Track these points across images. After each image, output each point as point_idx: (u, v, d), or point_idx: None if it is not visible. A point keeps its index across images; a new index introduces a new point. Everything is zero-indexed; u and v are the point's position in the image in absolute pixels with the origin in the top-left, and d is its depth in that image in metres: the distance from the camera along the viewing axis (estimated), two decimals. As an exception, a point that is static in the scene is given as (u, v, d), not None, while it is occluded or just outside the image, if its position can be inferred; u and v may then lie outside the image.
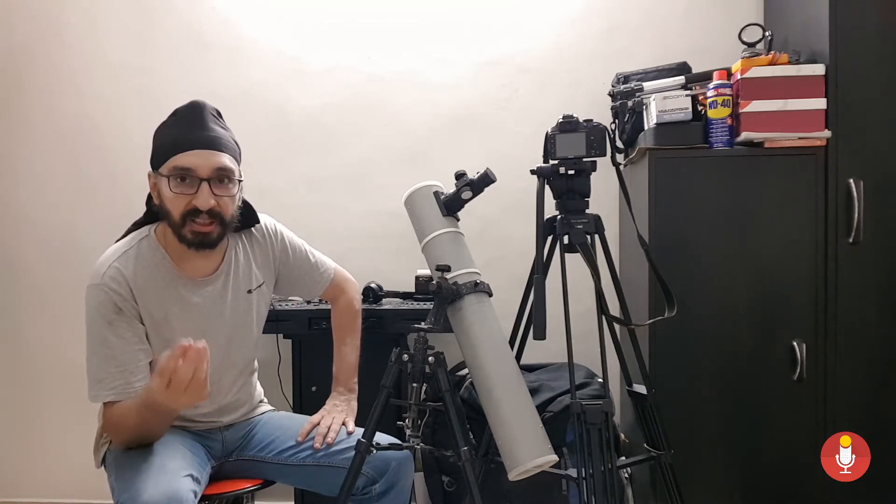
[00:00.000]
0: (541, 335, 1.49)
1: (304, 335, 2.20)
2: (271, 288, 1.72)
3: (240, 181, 1.51)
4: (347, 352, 1.80)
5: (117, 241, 1.55)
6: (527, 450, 1.44)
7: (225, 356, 1.60)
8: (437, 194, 1.61)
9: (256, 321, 1.67)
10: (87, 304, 1.45)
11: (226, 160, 1.46)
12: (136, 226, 1.58)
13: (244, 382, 1.70)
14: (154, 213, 1.55)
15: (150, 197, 1.55)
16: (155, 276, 1.49)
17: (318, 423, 1.65)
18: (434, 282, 1.51)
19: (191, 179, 1.42)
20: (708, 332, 1.97)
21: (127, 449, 1.45)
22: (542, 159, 1.62)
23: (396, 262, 2.52)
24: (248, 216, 1.62)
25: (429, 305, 1.88)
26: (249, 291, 1.64)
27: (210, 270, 1.57)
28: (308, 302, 2.27)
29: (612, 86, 2.28)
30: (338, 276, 1.84)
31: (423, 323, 1.51)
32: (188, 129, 1.45)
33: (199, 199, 1.42)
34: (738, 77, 1.96)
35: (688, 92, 2.01)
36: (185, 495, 1.31)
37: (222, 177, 1.45)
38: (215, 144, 1.45)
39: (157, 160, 1.47)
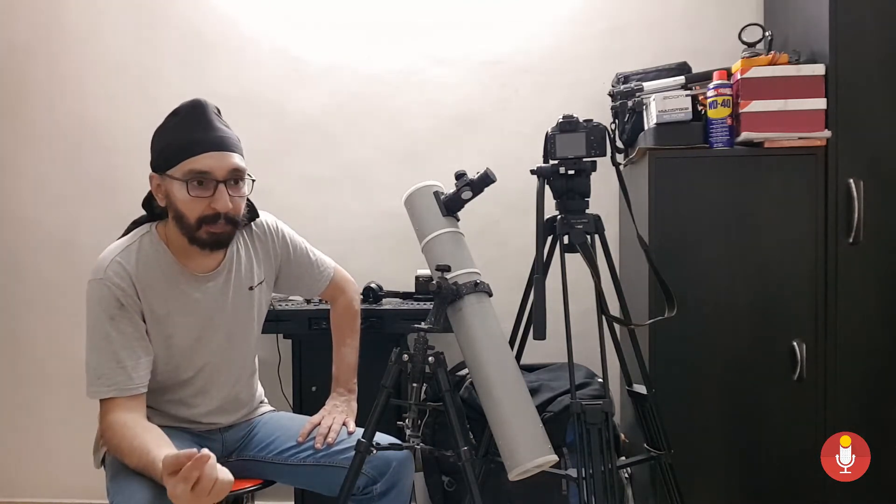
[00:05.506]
0: (541, 335, 1.50)
1: (304, 335, 2.20)
2: (271, 286, 1.71)
3: (250, 179, 1.49)
4: (347, 352, 1.80)
5: (118, 238, 1.53)
6: (527, 450, 1.44)
7: (225, 353, 1.59)
8: (437, 194, 1.62)
9: (257, 319, 1.67)
10: (89, 300, 1.43)
11: (238, 160, 1.44)
12: (136, 224, 1.56)
13: (244, 381, 1.70)
14: (154, 213, 1.53)
15: (146, 199, 1.53)
16: (157, 272, 1.48)
17: (319, 424, 1.65)
18: (434, 282, 1.51)
19: (207, 182, 1.40)
20: (708, 332, 1.97)
21: None
22: (542, 159, 1.62)
23: (396, 262, 2.52)
24: (249, 212, 1.60)
25: (429, 305, 1.88)
26: (251, 288, 1.62)
27: (212, 267, 1.55)
28: (308, 302, 2.27)
29: (612, 86, 2.28)
30: (338, 276, 1.83)
31: (423, 323, 1.51)
32: (197, 130, 1.41)
33: (219, 203, 1.40)
34: (738, 77, 1.96)
35: (688, 92, 2.01)
36: None
37: (237, 178, 1.44)
38: (226, 145, 1.42)
39: (166, 162, 1.42)
